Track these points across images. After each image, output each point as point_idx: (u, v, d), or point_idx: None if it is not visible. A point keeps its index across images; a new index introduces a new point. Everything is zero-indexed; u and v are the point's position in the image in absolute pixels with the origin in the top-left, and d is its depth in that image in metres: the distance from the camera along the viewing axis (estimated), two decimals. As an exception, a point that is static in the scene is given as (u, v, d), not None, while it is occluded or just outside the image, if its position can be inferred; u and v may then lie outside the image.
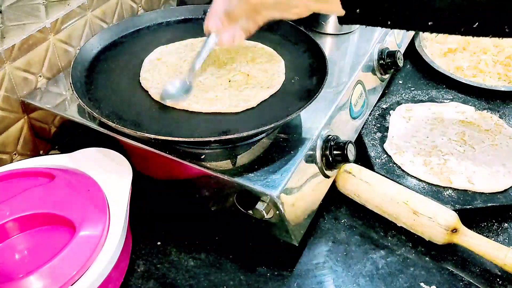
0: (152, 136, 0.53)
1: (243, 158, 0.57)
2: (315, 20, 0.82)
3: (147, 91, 0.62)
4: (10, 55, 0.62)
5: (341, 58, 0.76)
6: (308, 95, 0.61)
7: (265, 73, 0.65)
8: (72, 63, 0.64)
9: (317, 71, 0.64)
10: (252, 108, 0.59)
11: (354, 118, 0.72)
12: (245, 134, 0.53)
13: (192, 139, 0.54)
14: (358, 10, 0.50)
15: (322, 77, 0.61)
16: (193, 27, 0.76)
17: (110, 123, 0.55)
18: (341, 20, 0.52)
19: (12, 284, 0.44)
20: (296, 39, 0.72)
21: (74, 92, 0.58)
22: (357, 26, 0.82)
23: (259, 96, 0.60)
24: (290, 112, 0.56)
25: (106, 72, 0.66)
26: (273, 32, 0.74)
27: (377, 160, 0.71)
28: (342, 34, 0.81)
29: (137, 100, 0.61)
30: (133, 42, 0.73)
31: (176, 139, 0.53)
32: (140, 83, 0.64)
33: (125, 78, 0.65)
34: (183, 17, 0.79)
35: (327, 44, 0.80)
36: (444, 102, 0.83)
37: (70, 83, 0.60)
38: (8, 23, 0.66)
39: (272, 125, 0.54)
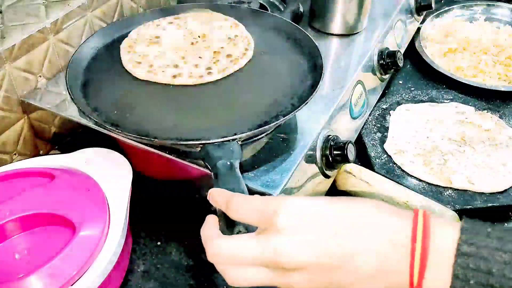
0: (155, 140, 0.53)
1: (243, 158, 0.57)
2: (321, 20, 0.82)
3: (146, 89, 0.62)
4: (10, 55, 0.62)
5: (341, 58, 0.76)
6: (308, 94, 0.61)
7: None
8: (67, 66, 0.63)
9: (316, 71, 0.64)
10: (251, 107, 0.59)
11: (354, 118, 0.72)
12: (243, 135, 0.53)
13: (193, 142, 0.53)
14: None
15: (319, 78, 0.61)
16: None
17: (112, 128, 0.54)
18: None
19: (12, 284, 0.44)
20: (298, 39, 0.71)
21: (72, 95, 0.58)
22: (364, 26, 0.82)
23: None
24: (289, 112, 0.56)
25: (105, 73, 0.66)
26: (275, 31, 0.74)
27: (377, 160, 0.71)
28: (348, 35, 0.81)
29: (136, 99, 0.61)
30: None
31: (179, 142, 0.54)
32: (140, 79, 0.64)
33: (124, 78, 0.65)
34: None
35: (332, 44, 0.80)
36: (444, 102, 0.83)
37: (67, 88, 0.59)
38: (8, 23, 0.66)
39: (271, 125, 0.54)
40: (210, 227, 0.42)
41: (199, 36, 0.70)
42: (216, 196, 0.42)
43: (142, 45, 0.68)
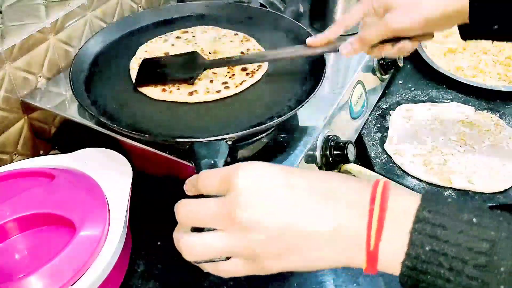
0: (146, 136, 0.54)
1: (243, 158, 0.57)
2: (321, 20, 0.82)
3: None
4: (10, 55, 0.62)
5: (341, 58, 0.76)
6: (306, 97, 0.61)
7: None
8: (71, 64, 0.64)
9: (316, 74, 0.64)
10: (250, 109, 0.59)
11: (354, 118, 0.72)
12: (234, 135, 0.53)
13: (182, 140, 0.54)
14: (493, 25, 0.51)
15: (319, 77, 0.61)
16: (194, 24, 0.76)
17: (114, 127, 0.55)
18: (464, 34, 0.53)
19: (12, 284, 0.44)
20: (301, 40, 0.71)
21: (74, 93, 0.58)
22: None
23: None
24: (284, 113, 0.56)
25: (106, 71, 0.66)
26: (276, 29, 0.74)
27: (377, 160, 0.71)
28: (348, 35, 0.81)
29: (137, 99, 0.61)
30: (133, 40, 0.72)
31: (170, 140, 0.54)
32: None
33: (124, 77, 0.65)
34: (184, 14, 0.79)
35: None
36: (444, 102, 0.83)
37: (70, 84, 0.59)
38: (8, 23, 0.66)
39: (262, 127, 0.55)
40: None
41: (210, 53, 0.68)
42: (190, 180, 0.43)
43: None
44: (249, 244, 0.36)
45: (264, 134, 0.59)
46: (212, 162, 0.49)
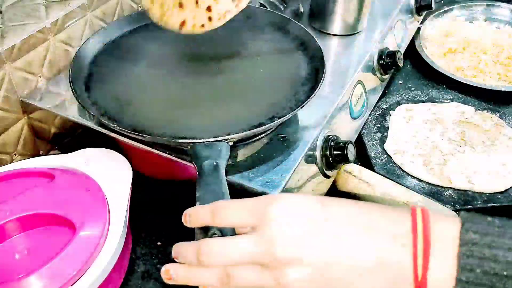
0: (147, 137, 0.53)
1: (242, 158, 0.57)
2: (321, 20, 0.82)
3: (148, 90, 0.62)
4: (10, 55, 0.62)
5: (341, 58, 0.76)
6: (307, 97, 0.61)
7: None
8: (70, 65, 0.63)
9: (317, 75, 0.64)
10: (251, 109, 0.59)
11: (354, 118, 0.72)
12: (236, 136, 0.53)
13: (182, 141, 0.54)
14: None
15: (319, 77, 0.61)
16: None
17: (115, 128, 0.54)
18: None
19: (12, 284, 0.44)
20: (302, 40, 0.71)
21: (74, 94, 0.58)
22: (364, 26, 0.82)
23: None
24: (285, 114, 0.56)
25: (105, 71, 0.66)
26: (276, 30, 0.74)
27: (377, 160, 0.71)
28: (348, 35, 0.81)
29: (136, 99, 0.61)
30: (131, 40, 0.72)
31: (170, 140, 0.54)
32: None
33: (126, 76, 0.65)
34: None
35: (332, 44, 0.79)
36: (444, 102, 0.83)
37: (70, 85, 0.59)
38: (8, 23, 0.66)
39: (264, 127, 0.54)
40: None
41: None
42: (195, 211, 0.41)
43: None
44: (291, 282, 0.34)
45: (263, 134, 0.59)
46: (215, 163, 0.48)
